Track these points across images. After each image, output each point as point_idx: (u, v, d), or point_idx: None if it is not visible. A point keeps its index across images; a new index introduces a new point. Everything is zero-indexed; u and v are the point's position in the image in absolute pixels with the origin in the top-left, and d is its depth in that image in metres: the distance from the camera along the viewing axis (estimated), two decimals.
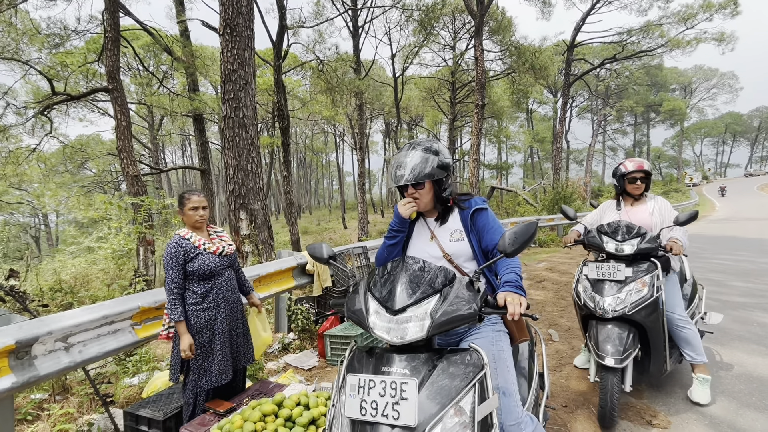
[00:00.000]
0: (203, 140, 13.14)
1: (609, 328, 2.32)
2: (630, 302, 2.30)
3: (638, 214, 2.75)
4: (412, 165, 1.55)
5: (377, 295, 1.22)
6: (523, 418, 1.27)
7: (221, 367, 2.22)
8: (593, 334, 2.36)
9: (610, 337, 2.27)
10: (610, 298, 2.34)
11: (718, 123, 59.16)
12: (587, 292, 2.49)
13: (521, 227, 1.27)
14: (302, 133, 42.67)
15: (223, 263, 2.28)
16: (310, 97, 19.51)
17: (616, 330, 2.30)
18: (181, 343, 2.10)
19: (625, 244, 2.46)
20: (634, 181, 2.73)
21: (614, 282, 2.40)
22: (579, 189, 18.88)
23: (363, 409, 1.04)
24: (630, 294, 2.32)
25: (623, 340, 2.24)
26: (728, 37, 17.52)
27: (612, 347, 2.22)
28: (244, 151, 6.01)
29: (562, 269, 7.27)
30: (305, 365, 3.41)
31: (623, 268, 2.39)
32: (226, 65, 5.87)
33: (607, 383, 2.18)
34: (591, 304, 2.41)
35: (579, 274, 2.68)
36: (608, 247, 2.51)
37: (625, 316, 2.30)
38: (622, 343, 2.22)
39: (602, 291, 2.40)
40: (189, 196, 2.27)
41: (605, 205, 2.98)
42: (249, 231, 6.07)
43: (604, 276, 2.44)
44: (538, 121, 41.25)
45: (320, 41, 16.01)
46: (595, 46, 23.78)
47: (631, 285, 2.34)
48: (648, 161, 2.59)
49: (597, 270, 2.49)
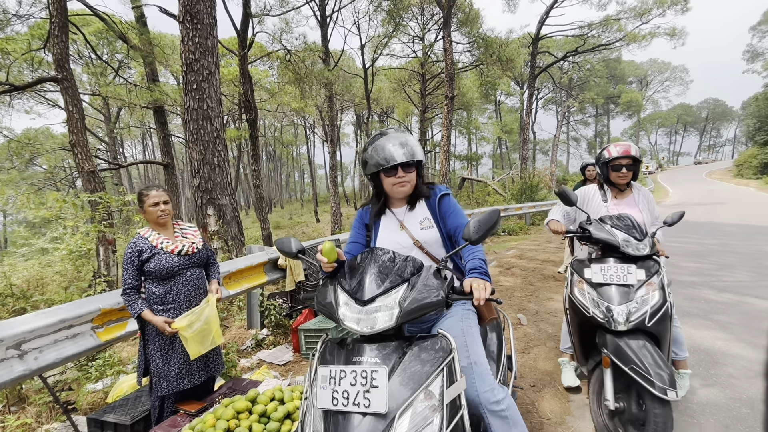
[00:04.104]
0: (165, 133, 12.55)
1: (631, 342, 1.91)
2: (645, 310, 1.96)
3: (627, 207, 2.42)
4: (405, 146, 1.56)
5: (346, 287, 1.24)
6: (495, 386, 1.34)
7: (182, 371, 2.14)
8: (611, 351, 1.93)
9: (639, 354, 1.84)
10: (624, 306, 1.97)
11: (670, 114, 62.90)
12: (591, 298, 2.09)
13: (485, 215, 1.30)
14: (271, 125, 41.62)
15: (183, 263, 2.17)
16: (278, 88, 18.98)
17: (638, 344, 1.89)
18: (158, 326, 2.04)
19: (642, 243, 2.09)
20: (620, 169, 2.35)
21: (623, 286, 2.04)
22: (545, 178, 19.57)
23: (335, 399, 1.06)
24: (644, 300, 1.98)
25: (653, 356, 1.84)
26: (679, 32, 18.53)
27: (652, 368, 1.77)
28: (209, 145, 5.80)
29: (529, 256, 7.55)
30: (280, 360, 3.38)
31: (635, 270, 2.04)
32: (187, 54, 5.62)
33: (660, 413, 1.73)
34: (599, 313, 2.02)
35: (574, 278, 2.26)
36: (627, 246, 2.08)
37: (644, 327, 1.94)
38: (655, 361, 1.81)
39: (612, 297, 2.02)
40: (147, 192, 2.16)
41: (585, 193, 2.57)
42: (217, 227, 5.90)
43: (612, 279, 2.06)
44: (505, 113, 42.18)
45: (287, 30, 15.60)
46: (558, 40, 24.48)
47: (643, 290, 2.01)
48: (634, 145, 2.34)
49: (603, 272, 2.10)
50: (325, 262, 1.33)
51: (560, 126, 37.44)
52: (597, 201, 2.51)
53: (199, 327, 2.07)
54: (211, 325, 2.13)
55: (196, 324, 2.06)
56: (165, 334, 2.06)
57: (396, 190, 1.61)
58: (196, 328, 2.05)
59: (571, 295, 2.25)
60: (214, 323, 2.16)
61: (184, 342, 2.05)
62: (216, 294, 2.27)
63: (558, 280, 5.62)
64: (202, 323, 2.09)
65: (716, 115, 67.85)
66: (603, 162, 2.42)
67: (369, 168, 1.59)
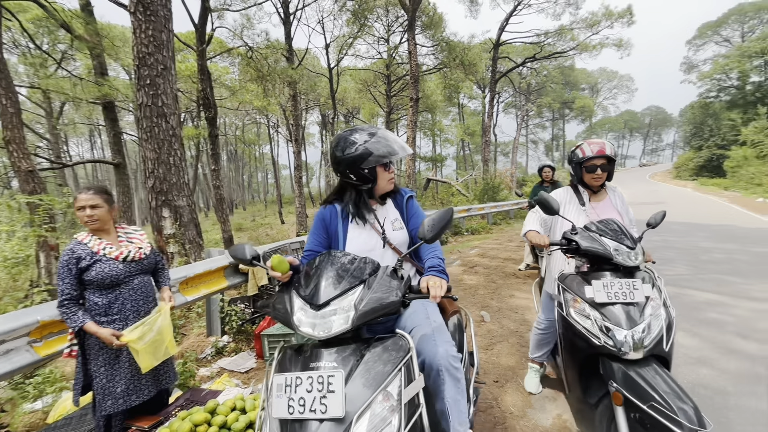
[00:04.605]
0: (116, 131, 11.76)
1: (643, 372, 1.61)
2: (657, 331, 1.69)
3: (605, 211, 2.23)
4: (402, 142, 1.61)
5: (302, 292, 1.23)
6: (455, 350, 1.38)
7: (129, 388, 1.97)
8: (622, 384, 1.61)
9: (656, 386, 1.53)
10: (636, 329, 1.68)
11: (618, 119, 67.42)
12: (595, 321, 1.78)
13: (438, 214, 1.32)
14: (232, 123, 40.23)
15: (129, 270, 2.01)
16: (239, 85, 18.36)
17: (651, 373, 1.60)
18: (104, 340, 1.86)
19: (633, 252, 1.86)
20: (594, 170, 2.14)
21: (629, 305, 1.76)
22: (506, 180, 20.32)
23: (291, 408, 1.03)
24: (654, 319, 1.72)
25: (671, 386, 1.54)
26: (625, 43, 19.91)
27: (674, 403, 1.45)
28: (164, 143, 5.50)
29: (492, 254, 7.78)
30: (242, 368, 3.26)
31: (641, 285, 1.78)
32: (139, 48, 5.30)
33: None
34: (608, 339, 1.70)
35: (566, 296, 1.96)
36: (618, 256, 1.83)
37: (659, 353, 1.68)
38: (675, 392, 1.50)
39: (620, 319, 1.72)
40: (77, 194, 1.99)
41: (560, 197, 2.33)
42: (174, 230, 5.60)
43: (618, 298, 1.77)
44: (468, 116, 43.32)
45: (248, 26, 15.16)
46: (517, 46, 25.47)
47: (649, 307, 1.75)
48: (609, 143, 2.15)
49: (607, 290, 1.79)
50: (280, 275, 1.33)
51: (519, 129, 39.03)
52: (574, 205, 2.28)
53: (151, 338, 1.92)
54: (164, 336, 1.99)
55: (149, 335, 1.91)
56: (112, 347, 1.89)
57: (389, 184, 1.67)
58: (148, 340, 1.90)
59: (567, 317, 1.92)
60: (167, 333, 2.02)
61: (135, 355, 1.89)
62: (169, 302, 2.13)
63: (518, 278, 5.83)
64: (154, 334, 1.94)
65: (658, 122, 73.70)
66: (576, 162, 2.21)
67: (371, 161, 1.54)
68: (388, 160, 1.57)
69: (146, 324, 1.94)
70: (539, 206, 2.03)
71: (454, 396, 1.30)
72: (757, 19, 38.72)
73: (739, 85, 34.18)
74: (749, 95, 32.33)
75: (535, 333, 2.56)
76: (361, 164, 1.55)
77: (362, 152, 1.53)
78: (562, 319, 1.99)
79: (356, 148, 1.54)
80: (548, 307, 2.41)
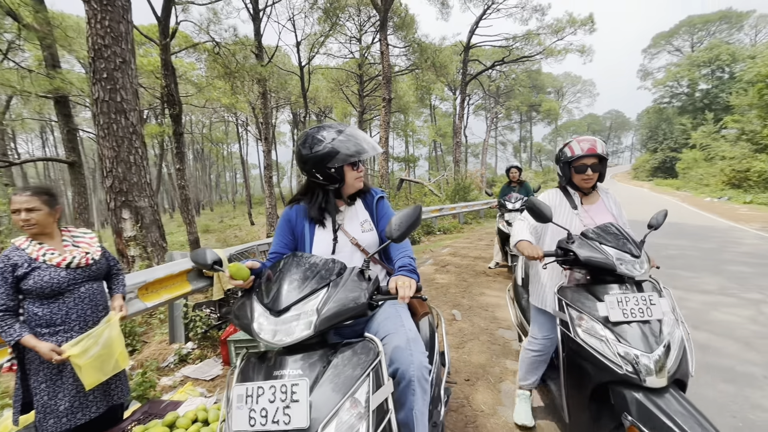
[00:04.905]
0: (70, 127, 11.03)
1: (664, 402, 1.36)
2: (677, 353, 1.48)
3: (600, 214, 2.02)
4: (372, 141, 1.57)
5: (263, 297, 1.17)
6: (428, 366, 1.36)
7: (74, 405, 1.81)
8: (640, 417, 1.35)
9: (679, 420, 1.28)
10: (657, 353, 1.44)
11: (582, 122, 70.60)
12: (611, 344, 1.52)
13: (406, 212, 1.29)
14: (199, 121, 38.83)
15: (73, 277, 1.84)
16: (206, 82, 17.73)
17: (672, 402, 1.37)
18: (44, 355, 1.68)
19: (639, 260, 1.67)
20: (584, 170, 1.93)
21: (645, 324, 1.53)
22: (476, 180, 20.76)
23: (252, 420, 0.98)
24: (672, 340, 1.50)
25: (696, 418, 1.30)
26: (588, 49, 20.87)
27: None
28: (124, 141, 5.21)
29: (463, 253, 7.90)
30: (207, 375, 3.12)
31: (658, 300, 1.56)
32: (95, 39, 4.99)
33: None
34: (627, 365, 1.46)
35: (571, 313, 1.70)
36: (622, 265, 1.64)
37: (683, 378, 1.48)
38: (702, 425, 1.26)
39: (638, 340, 1.48)
40: (12, 195, 1.82)
41: (550, 200, 2.09)
42: (135, 232, 5.31)
43: (635, 315, 1.53)
44: (440, 117, 43.94)
45: (216, 21, 14.65)
46: (487, 49, 26.09)
47: (666, 325, 1.53)
48: (600, 140, 1.96)
49: (622, 306, 1.55)
50: (240, 283, 1.27)
51: (489, 131, 39.98)
52: (566, 209, 2.05)
53: (96, 352, 1.76)
54: (112, 349, 1.82)
55: (93, 349, 1.75)
56: (53, 362, 1.73)
57: (358, 184, 1.61)
58: (93, 354, 1.74)
59: (574, 338, 1.66)
60: (116, 346, 1.86)
61: (78, 371, 1.73)
62: (120, 312, 1.96)
63: (489, 276, 5.94)
64: (100, 348, 1.77)
65: (617, 125, 77.85)
66: (564, 161, 2.00)
67: (338, 159, 1.48)
68: (356, 159, 1.51)
69: (91, 337, 1.77)
70: (529, 213, 1.79)
71: (422, 409, 1.28)
72: (705, 31, 41.67)
73: (689, 92, 36.69)
74: (698, 102, 34.74)
75: (526, 355, 2.18)
76: (327, 163, 1.49)
77: (329, 151, 1.47)
78: (567, 340, 1.72)
79: (323, 146, 1.48)
80: (544, 325, 2.09)
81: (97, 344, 1.77)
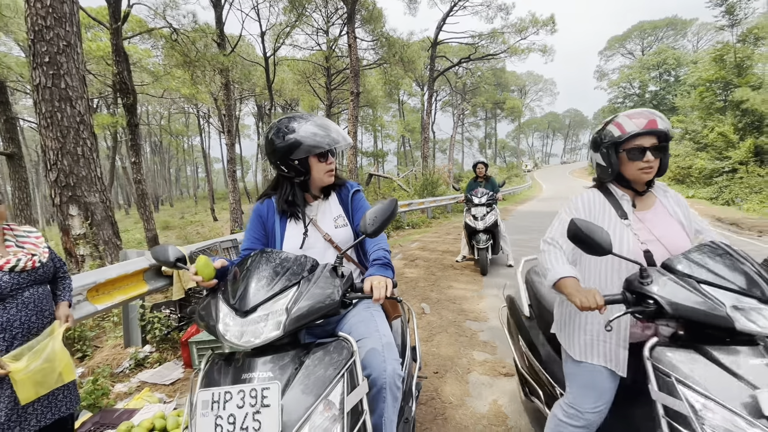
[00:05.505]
0: (8, 116, 10.14)
1: None
2: None
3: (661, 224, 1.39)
4: (339, 132, 1.50)
5: (228, 298, 1.11)
6: (401, 373, 1.34)
7: (11, 419, 1.63)
8: None
9: None
10: None
11: (543, 120, 73.57)
12: None
13: (381, 206, 1.25)
14: (156, 112, 36.83)
15: (16, 282, 1.67)
16: (163, 70, 16.77)
17: None
18: None
19: None
20: (642, 155, 1.32)
21: None
22: (444, 175, 21.10)
23: (219, 427, 0.92)
24: None
25: None
26: (549, 49, 21.70)
27: None
28: (70, 131, 4.83)
29: (431, 247, 8.01)
30: (166, 380, 2.97)
31: None
32: (34, 19, 4.57)
33: None
34: None
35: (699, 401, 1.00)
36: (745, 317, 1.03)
37: None
38: None
39: None
40: None
41: (587, 204, 1.47)
42: (84, 230, 4.95)
43: None
44: (408, 112, 44.16)
45: (173, 6, 13.88)
46: (454, 46, 26.46)
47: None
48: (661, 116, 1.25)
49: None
50: (202, 280, 1.18)
51: (456, 127, 40.71)
52: (611, 218, 1.40)
53: (36, 366, 1.57)
54: (55, 363, 1.63)
55: (34, 363, 1.56)
56: None
57: (327, 177, 1.53)
58: (32, 369, 1.55)
59: None
60: (61, 359, 1.67)
61: (14, 384, 1.54)
62: (65, 323, 1.77)
63: (456, 269, 6.05)
64: (41, 362, 1.58)
65: (576, 123, 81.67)
66: (609, 144, 1.38)
67: (301, 151, 1.42)
68: (322, 150, 1.45)
69: (30, 350, 1.59)
70: (572, 240, 1.19)
71: (391, 416, 1.26)
72: (653, 36, 44.50)
73: (641, 93, 39.13)
74: (648, 103, 37.12)
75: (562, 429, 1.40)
76: (291, 155, 1.43)
77: (292, 142, 1.41)
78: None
79: (287, 137, 1.42)
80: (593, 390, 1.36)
81: (38, 358, 1.59)
